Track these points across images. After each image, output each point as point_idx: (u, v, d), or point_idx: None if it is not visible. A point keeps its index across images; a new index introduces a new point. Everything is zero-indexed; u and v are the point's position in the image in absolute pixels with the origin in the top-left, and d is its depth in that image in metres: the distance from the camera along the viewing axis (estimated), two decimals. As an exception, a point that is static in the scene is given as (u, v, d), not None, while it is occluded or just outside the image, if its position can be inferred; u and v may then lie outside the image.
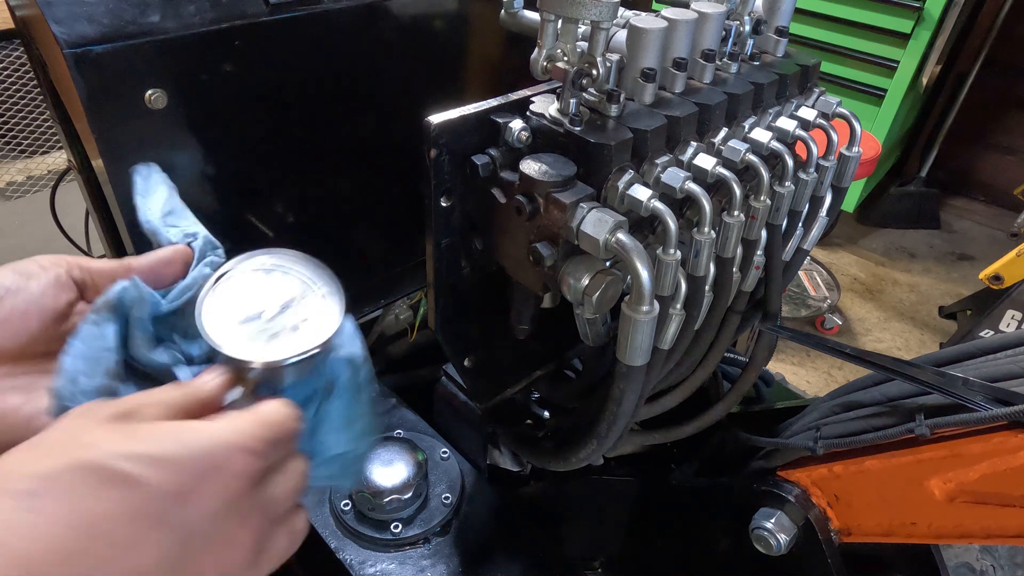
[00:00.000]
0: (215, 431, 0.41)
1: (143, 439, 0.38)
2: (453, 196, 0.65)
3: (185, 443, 0.39)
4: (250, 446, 0.41)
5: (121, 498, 0.36)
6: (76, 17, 0.60)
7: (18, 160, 3.49)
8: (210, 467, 0.39)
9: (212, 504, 0.39)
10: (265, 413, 0.44)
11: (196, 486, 0.38)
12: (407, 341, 1.43)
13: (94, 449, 0.37)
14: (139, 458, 0.37)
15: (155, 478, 0.37)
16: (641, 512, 1.14)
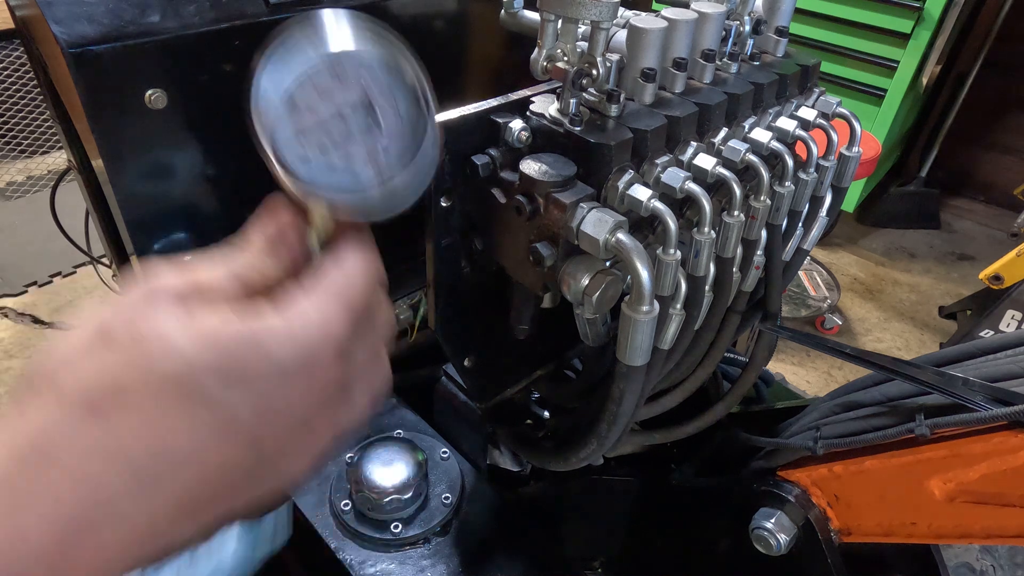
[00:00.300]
0: (300, 336, 0.35)
1: (223, 346, 0.33)
2: (453, 196, 0.65)
3: (268, 355, 0.34)
4: (341, 348, 0.36)
5: (199, 417, 0.32)
6: (76, 17, 0.60)
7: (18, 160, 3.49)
8: (296, 382, 0.35)
9: (295, 415, 0.36)
10: (348, 289, 0.38)
11: (280, 403, 0.34)
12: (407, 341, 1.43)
13: (169, 356, 0.32)
14: (220, 372, 0.32)
15: (237, 397, 0.33)
16: (641, 512, 1.14)
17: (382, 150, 0.40)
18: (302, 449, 0.37)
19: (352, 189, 0.40)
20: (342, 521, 0.94)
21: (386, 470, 0.94)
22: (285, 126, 0.38)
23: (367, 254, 0.40)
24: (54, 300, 2.86)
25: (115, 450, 0.31)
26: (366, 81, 0.39)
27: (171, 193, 0.73)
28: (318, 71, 0.38)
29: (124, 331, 0.33)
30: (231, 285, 0.38)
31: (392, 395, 1.15)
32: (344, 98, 0.38)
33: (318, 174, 0.39)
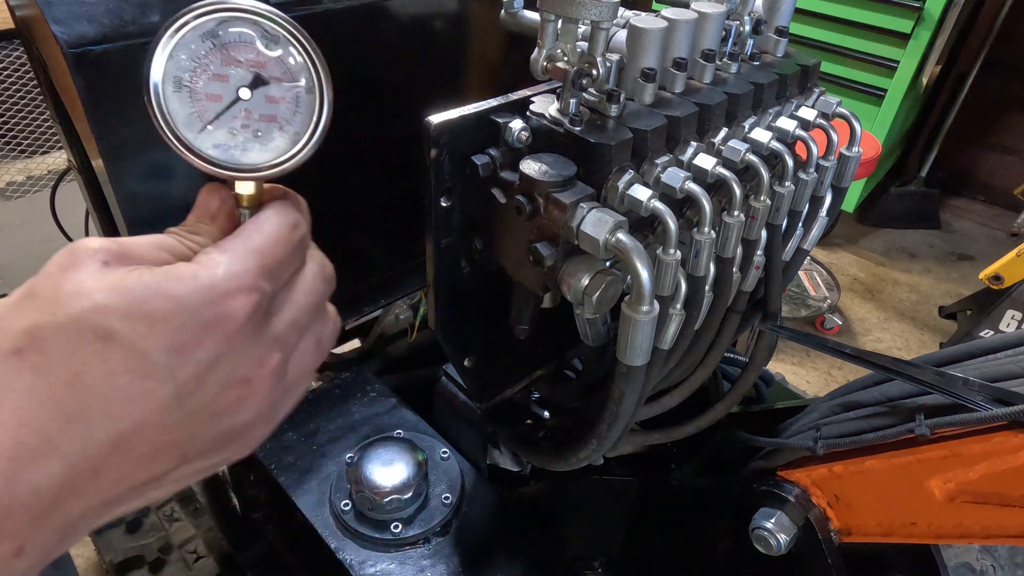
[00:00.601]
0: (204, 278, 0.38)
1: (131, 291, 0.36)
2: (453, 196, 0.65)
3: (175, 297, 0.36)
4: (244, 284, 0.39)
5: (111, 354, 0.35)
6: (76, 17, 0.60)
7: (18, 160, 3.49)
8: (205, 319, 0.37)
9: (211, 352, 0.37)
10: (258, 236, 0.41)
11: (190, 338, 0.37)
12: (407, 341, 1.44)
13: (81, 301, 0.35)
14: (125, 314, 0.35)
15: (144, 335, 0.36)
16: (641, 512, 1.14)
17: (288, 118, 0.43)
18: (240, 394, 0.39)
19: (268, 162, 0.43)
20: (342, 521, 0.94)
21: (386, 470, 0.94)
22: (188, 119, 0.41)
23: (284, 210, 0.43)
24: (54, 300, 2.86)
25: (39, 387, 0.34)
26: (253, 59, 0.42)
27: (171, 193, 0.73)
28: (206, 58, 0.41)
29: (45, 285, 0.36)
30: (156, 254, 0.40)
31: (392, 395, 1.15)
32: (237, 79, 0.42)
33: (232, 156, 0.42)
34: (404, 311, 1.42)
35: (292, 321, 0.42)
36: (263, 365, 0.40)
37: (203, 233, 0.43)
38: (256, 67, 0.42)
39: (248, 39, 0.42)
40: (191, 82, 0.41)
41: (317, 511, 0.96)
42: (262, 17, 0.42)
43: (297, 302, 0.43)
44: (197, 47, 0.41)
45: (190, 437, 0.38)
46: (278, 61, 0.43)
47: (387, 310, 1.39)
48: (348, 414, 1.10)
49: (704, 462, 1.09)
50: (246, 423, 0.41)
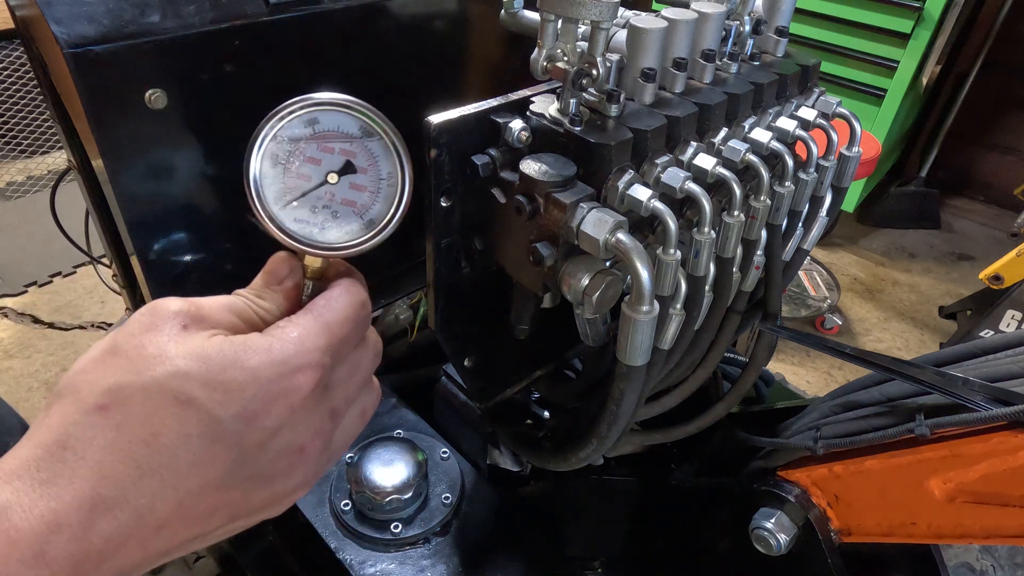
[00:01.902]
0: (278, 352, 0.40)
1: (210, 359, 0.39)
2: (453, 196, 0.65)
3: (250, 368, 0.39)
4: (313, 361, 0.41)
5: (188, 418, 0.38)
6: (76, 17, 0.60)
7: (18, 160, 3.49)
8: (274, 391, 0.40)
9: (275, 421, 0.40)
10: (328, 314, 0.44)
11: (259, 408, 0.39)
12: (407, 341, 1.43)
13: (164, 366, 0.38)
14: (204, 382, 0.38)
15: (219, 402, 0.38)
16: (641, 512, 1.14)
17: (367, 206, 0.48)
18: (292, 461, 0.42)
19: (341, 243, 0.47)
20: (342, 521, 0.94)
21: (386, 470, 0.94)
22: (277, 192, 0.46)
23: (353, 289, 0.47)
24: (54, 300, 2.86)
25: (118, 442, 0.37)
26: (347, 148, 0.47)
27: (171, 193, 0.73)
28: (304, 142, 0.46)
29: (129, 344, 0.39)
30: (227, 317, 0.43)
31: (392, 395, 1.15)
32: (329, 164, 0.46)
33: (309, 232, 0.46)
34: (404, 311, 1.42)
35: (345, 394, 0.45)
36: (317, 435, 0.43)
37: (270, 300, 0.46)
38: (348, 156, 0.47)
39: (346, 130, 0.47)
40: (287, 161, 0.46)
41: (317, 511, 0.96)
42: (361, 114, 0.46)
43: (351, 376, 0.46)
44: (299, 131, 0.46)
45: (243, 498, 0.41)
46: (369, 154, 0.47)
47: (387, 310, 1.39)
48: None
49: (704, 462, 1.09)
50: (294, 487, 0.44)
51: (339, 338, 0.44)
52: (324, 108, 0.46)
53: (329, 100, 0.46)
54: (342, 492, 0.97)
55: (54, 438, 0.37)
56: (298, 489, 0.44)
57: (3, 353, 2.57)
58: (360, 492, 0.93)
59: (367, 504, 0.93)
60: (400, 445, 0.99)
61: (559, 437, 0.90)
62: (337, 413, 0.45)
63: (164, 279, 0.76)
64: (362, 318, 0.46)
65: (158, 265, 0.75)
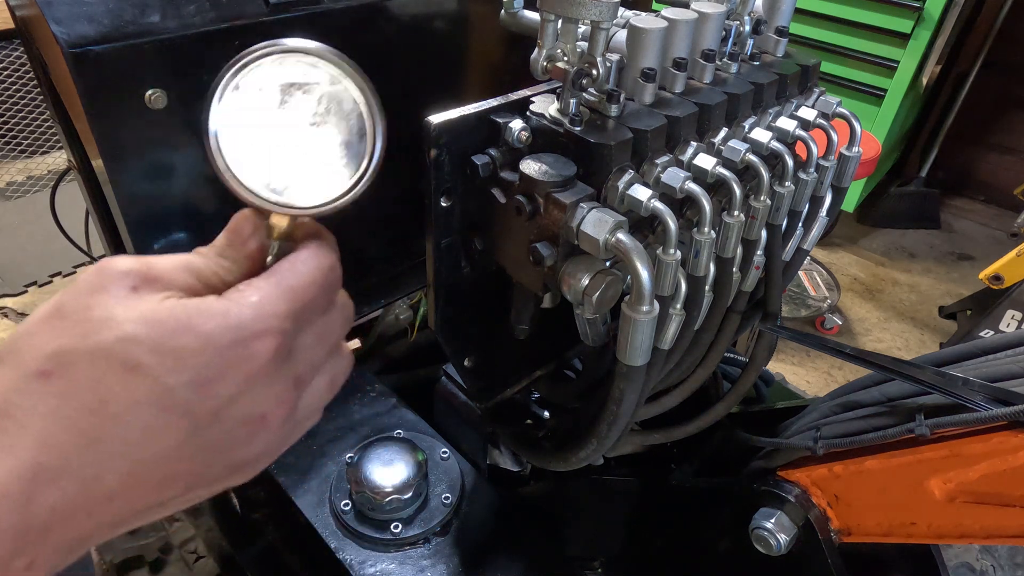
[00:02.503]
0: (234, 316, 0.38)
1: (161, 324, 0.36)
2: (453, 196, 0.65)
3: (204, 333, 0.37)
4: (272, 327, 0.39)
5: (137, 386, 0.36)
6: (76, 17, 0.60)
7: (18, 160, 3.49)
8: (229, 358, 0.38)
9: (232, 388, 0.38)
10: (291, 278, 0.41)
11: (213, 375, 0.37)
12: (407, 341, 1.44)
13: (111, 330, 0.36)
14: (154, 348, 0.36)
15: (169, 369, 0.36)
16: (641, 512, 1.14)
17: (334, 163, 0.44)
18: (252, 430, 0.40)
19: (308, 201, 0.44)
20: (342, 521, 0.94)
21: (386, 470, 0.94)
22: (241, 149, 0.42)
23: (321, 251, 0.43)
24: (54, 300, 2.85)
25: (61, 409, 0.35)
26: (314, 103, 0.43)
27: (171, 193, 0.73)
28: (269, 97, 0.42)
29: (74, 306, 0.37)
30: (183, 277, 0.40)
31: (392, 395, 1.15)
32: (295, 118, 0.43)
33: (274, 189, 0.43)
34: (404, 311, 1.42)
35: (310, 361, 0.43)
36: (280, 403, 0.41)
37: (231, 259, 0.43)
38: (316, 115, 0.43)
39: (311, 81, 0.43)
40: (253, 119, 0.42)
41: (317, 511, 0.96)
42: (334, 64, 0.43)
43: (317, 343, 0.43)
44: (260, 84, 0.42)
45: (200, 468, 0.39)
46: (336, 105, 0.44)
47: (387, 310, 1.39)
48: (348, 414, 1.10)
49: (704, 462, 1.09)
50: (255, 456, 0.42)
51: (303, 303, 0.41)
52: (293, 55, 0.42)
53: (299, 47, 0.42)
54: (342, 492, 0.97)
55: None
56: (261, 458, 0.42)
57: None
58: (360, 492, 0.93)
59: (367, 504, 0.93)
60: (400, 445, 0.99)
61: (559, 437, 0.90)
62: (302, 381, 0.42)
63: (164, 279, 0.76)
64: (330, 282, 0.43)
65: (158, 265, 0.75)
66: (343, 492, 0.97)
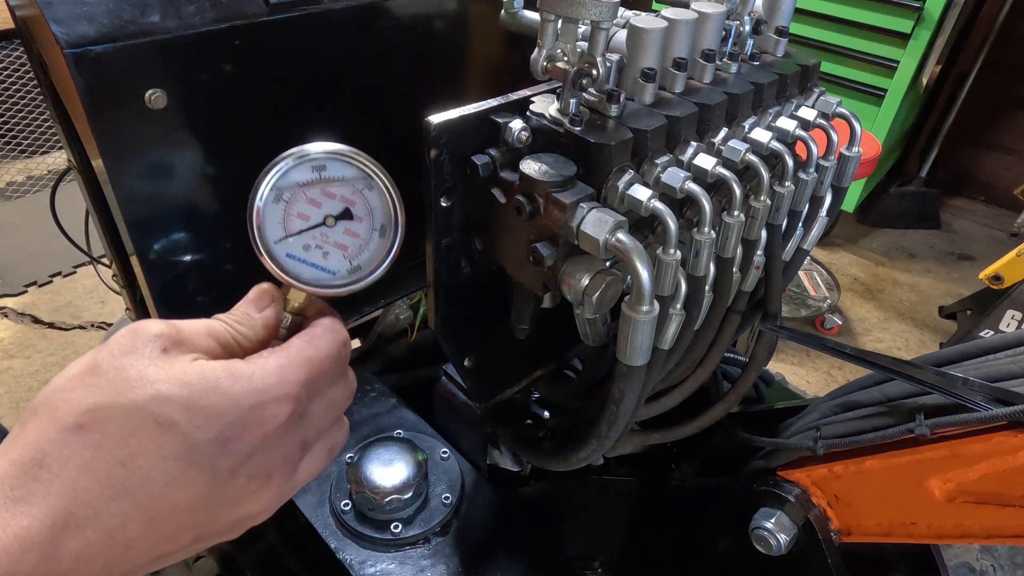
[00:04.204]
0: (258, 381, 0.42)
1: (192, 384, 0.40)
2: (453, 196, 0.65)
3: (231, 395, 0.40)
4: (291, 393, 0.43)
5: (167, 441, 0.38)
6: (76, 17, 0.60)
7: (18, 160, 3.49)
8: (250, 419, 0.41)
9: (249, 447, 0.41)
10: (310, 350, 0.45)
11: (235, 434, 0.40)
12: (407, 341, 1.43)
13: (145, 389, 0.39)
14: (185, 407, 0.39)
15: (198, 426, 0.39)
16: (641, 512, 1.14)
17: (357, 252, 0.51)
18: (260, 486, 0.43)
19: (326, 282, 0.50)
20: (342, 521, 0.94)
21: (386, 470, 0.94)
22: (275, 226, 0.48)
23: (336, 328, 0.48)
24: (54, 300, 2.86)
25: (93, 461, 0.37)
26: (348, 196, 0.50)
27: (171, 193, 0.73)
28: (309, 185, 0.49)
29: (109, 364, 0.40)
30: (206, 341, 0.44)
31: (392, 395, 1.15)
32: (329, 208, 0.49)
33: (299, 268, 0.49)
34: (404, 311, 1.42)
35: (317, 427, 0.47)
36: (286, 463, 0.45)
37: (249, 327, 0.48)
38: (348, 203, 0.50)
39: (350, 179, 0.50)
40: (290, 199, 0.48)
41: (317, 511, 0.96)
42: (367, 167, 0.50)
43: (325, 412, 0.47)
44: (307, 175, 0.49)
45: (210, 520, 0.42)
46: (367, 205, 0.51)
47: (387, 310, 1.39)
48: (348, 414, 1.10)
49: (704, 462, 1.09)
50: (256, 512, 0.45)
51: (318, 373, 0.45)
52: (334, 157, 0.49)
53: (340, 151, 0.49)
54: (342, 492, 0.97)
55: (30, 456, 0.37)
56: (260, 514, 0.45)
57: (3, 353, 2.57)
58: (360, 492, 0.93)
59: (367, 504, 0.93)
60: (400, 445, 0.99)
61: (559, 437, 0.90)
62: (307, 444, 0.46)
63: (164, 279, 0.76)
64: (342, 357, 0.48)
65: (158, 265, 0.75)
66: (343, 492, 0.97)
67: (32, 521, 0.35)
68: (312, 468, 0.48)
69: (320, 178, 0.49)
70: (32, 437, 0.38)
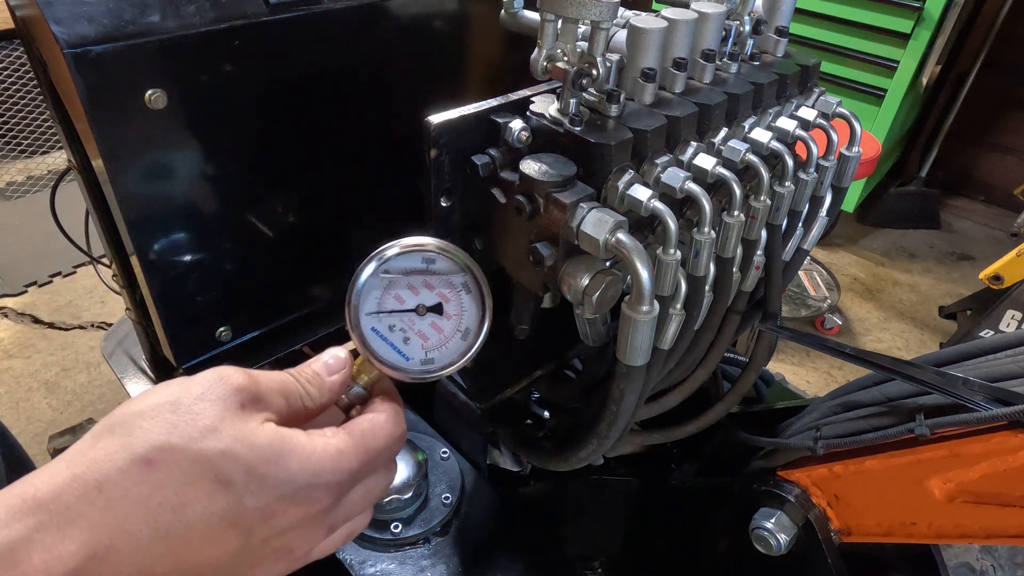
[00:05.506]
0: (316, 462, 0.43)
1: (257, 449, 0.41)
2: (453, 196, 0.65)
3: (288, 470, 0.42)
4: (341, 481, 0.44)
5: (220, 498, 0.40)
6: (76, 17, 0.60)
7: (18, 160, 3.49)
8: (298, 497, 0.42)
9: (287, 523, 0.43)
10: (371, 440, 0.47)
11: (281, 509, 0.42)
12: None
13: (215, 442, 0.40)
14: (247, 470, 0.40)
15: (252, 492, 0.40)
16: (641, 512, 1.14)
17: (436, 347, 0.53)
18: (279, 557, 0.44)
19: (400, 365, 0.52)
20: (342, 521, 0.94)
21: (386, 470, 0.94)
22: (370, 302, 0.50)
23: (398, 420, 0.50)
24: (54, 300, 2.86)
25: (149, 499, 0.38)
26: (444, 293, 0.53)
27: (171, 193, 0.73)
28: (414, 273, 0.52)
29: (189, 407, 0.41)
30: (278, 401, 0.46)
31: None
32: (423, 298, 0.52)
33: (379, 344, 0.51)
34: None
35: (347, 514, 0.48)
36: (307, 542, 0.46)
37: (317, 388, 0.49)
38: (442, 299, 0.53)
39: (452, 278, 0.53)
40: (392, 281, 0.51)
41: (317, 511, 0.96)
42: (471, 272, 0.53)
43: (360, 499, 0.48)
44: (415, 264, 0.52)
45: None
46: (460, 305, 0.53)
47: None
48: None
49: (704, 462, 1.09)
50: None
51: (370, 464, 0.46)
52: (444, 254, 0.52)
53: (454, 252, 0.52)
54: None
55: (94, 476, 0.38)
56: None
57: (3, 353, 2.57)
58: (360, 492, 0.93)
59: (367, 504, 0.93)
60: (400, 445, 0.99)
61: (559, 437, 0.90)
62: (333, 528, 0.47)
63: (164, 279, 0.76)
64: (395, 450, 0.49)
65: (158, 265, 0.75)
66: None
67: (77, 546, 0.36)
68: (328, 548, 0.49)
69: (425, 269, 0.52)
70: (101, 456, 0.39)
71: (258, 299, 0.86)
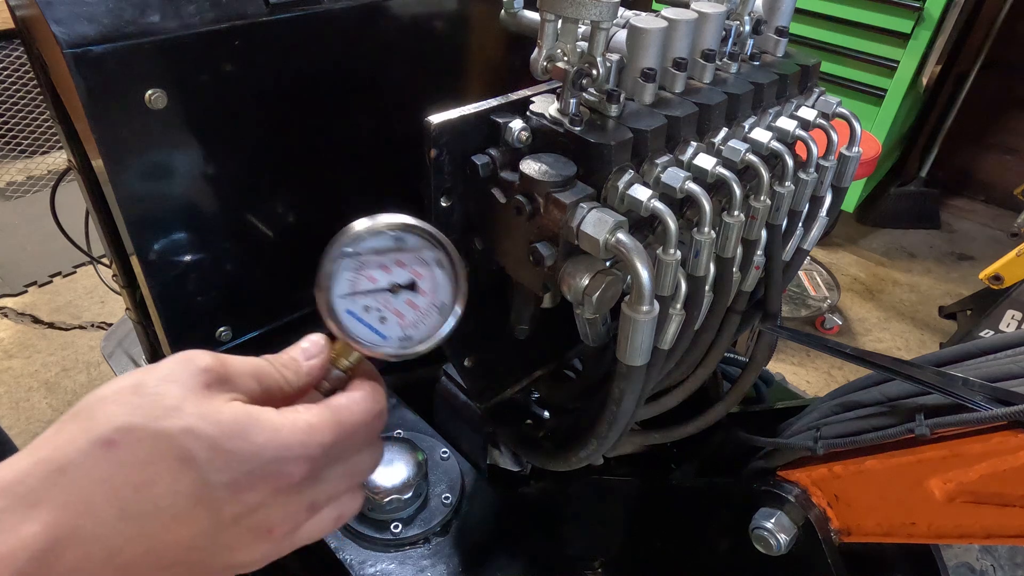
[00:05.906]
0: (284, 436, 0.42)
1: (221, 424, 0.40)
2: (453, 196, 0.65)
3: (254, 444, 0.41)
4: (312, 454, 0.43)
5: (183, 476, 0.39)
6: (76, 17, 0.60)
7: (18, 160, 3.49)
8: (266, 472, 0.41)
9: (257, 498, 0.41)
10: (345, 414, 0.46)
11: (248, 484, 0.41)
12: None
13: (178, 420, 0.39)
14: (210, 446, 0.39)
15: (216, 468, 0.39)
16: (641, 512, 1.14)
17: (413, 324, 0.53)
18: (257, 538, 0.43)
19: (378, 344, 0.51)
20: (342, 521, 0.94)
21: (386, 470, 0.94)
22: (342, 284, 0.49)
23: (376, 396, 0.49)
24: (54, 300, 2.86)
25: (112, 479, 0.38)
26: (418, 270, 0.52)
27: (171, 193, 0.73)
28: (385, 252, 0.51)
29: (152, 387, 0.41)
30: (250, 383, 0.45)
31: (392, 395, 1.15)
32: (397, 277, 0.51)
33: (355, 326, 0.50)
34: (404, 311, 1.42)
35: (330, 492, 0.47)
36: (287, 521, 0.44)
37: (295, 372, 0.48)
38: (416, 276, 0.52)
39: (424, 255, 0.52)
40: (363, 261, 0.50)
41: (317, 511, 0.96)
42: (444, 249, 0.52)
43: (341, 478, 0.47)
44: (385, 243, 0.50)
45: (203, 560, 0.42)
46: (434, 282, 0.52)
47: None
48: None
49: (704, 462, 1.09)
50: (249, 562, 0.44)
51: (345, 439, 0.45)
52: (415, 232, 0.51)
53: (423, 228, 0.51)
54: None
55: (56, 459, 0.38)
56: (252, 564, 0.45)
57: (3, 353, 2.57)
58: (360, 492, 0.93)
59: (367, 504, 0.93)
60: (400, 445, 0.99)
61: (559, 437, 0.90)
62: (316, 507, 0.46)
63: (164, 279, 0.76)
64: (375, 427, 0.48)
65: (158, 265, 0.75)
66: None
67: (41, 527, 0.36)
68: (315, 530, 0.47)
69: (396, 247, 0.51)
70: (63, 440, 0.38)
71: (258, 299, 0.86)
